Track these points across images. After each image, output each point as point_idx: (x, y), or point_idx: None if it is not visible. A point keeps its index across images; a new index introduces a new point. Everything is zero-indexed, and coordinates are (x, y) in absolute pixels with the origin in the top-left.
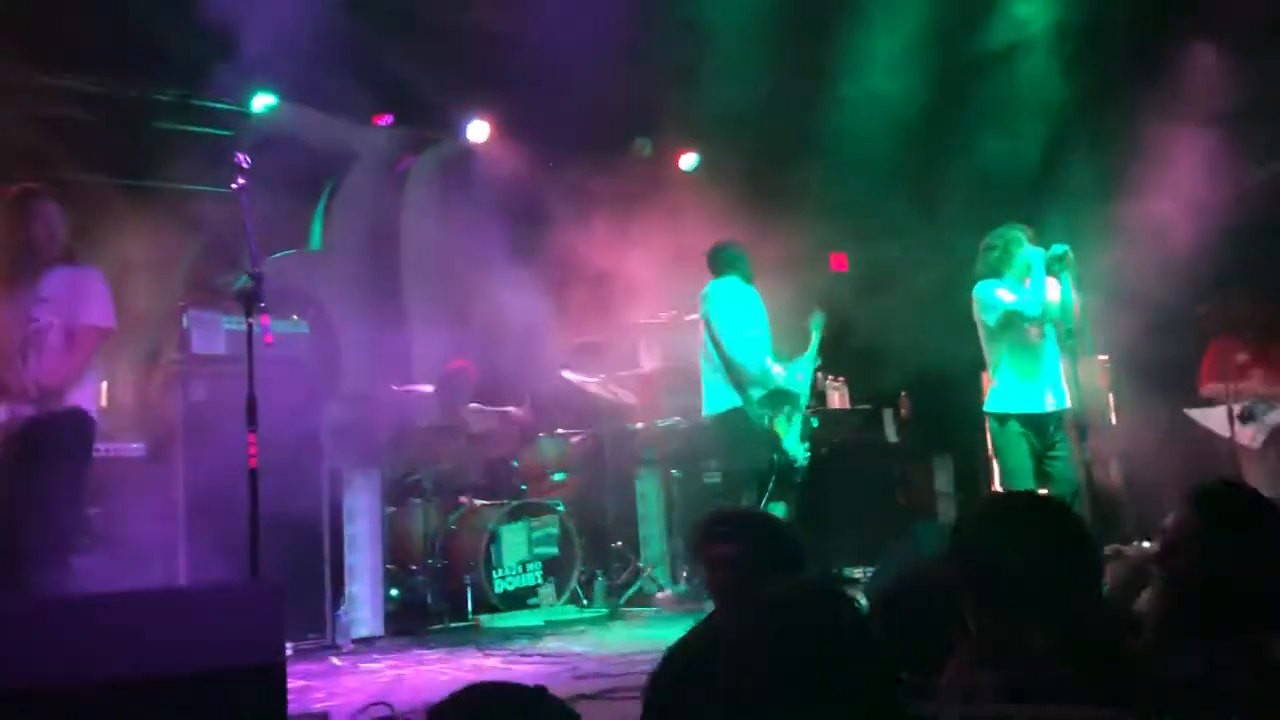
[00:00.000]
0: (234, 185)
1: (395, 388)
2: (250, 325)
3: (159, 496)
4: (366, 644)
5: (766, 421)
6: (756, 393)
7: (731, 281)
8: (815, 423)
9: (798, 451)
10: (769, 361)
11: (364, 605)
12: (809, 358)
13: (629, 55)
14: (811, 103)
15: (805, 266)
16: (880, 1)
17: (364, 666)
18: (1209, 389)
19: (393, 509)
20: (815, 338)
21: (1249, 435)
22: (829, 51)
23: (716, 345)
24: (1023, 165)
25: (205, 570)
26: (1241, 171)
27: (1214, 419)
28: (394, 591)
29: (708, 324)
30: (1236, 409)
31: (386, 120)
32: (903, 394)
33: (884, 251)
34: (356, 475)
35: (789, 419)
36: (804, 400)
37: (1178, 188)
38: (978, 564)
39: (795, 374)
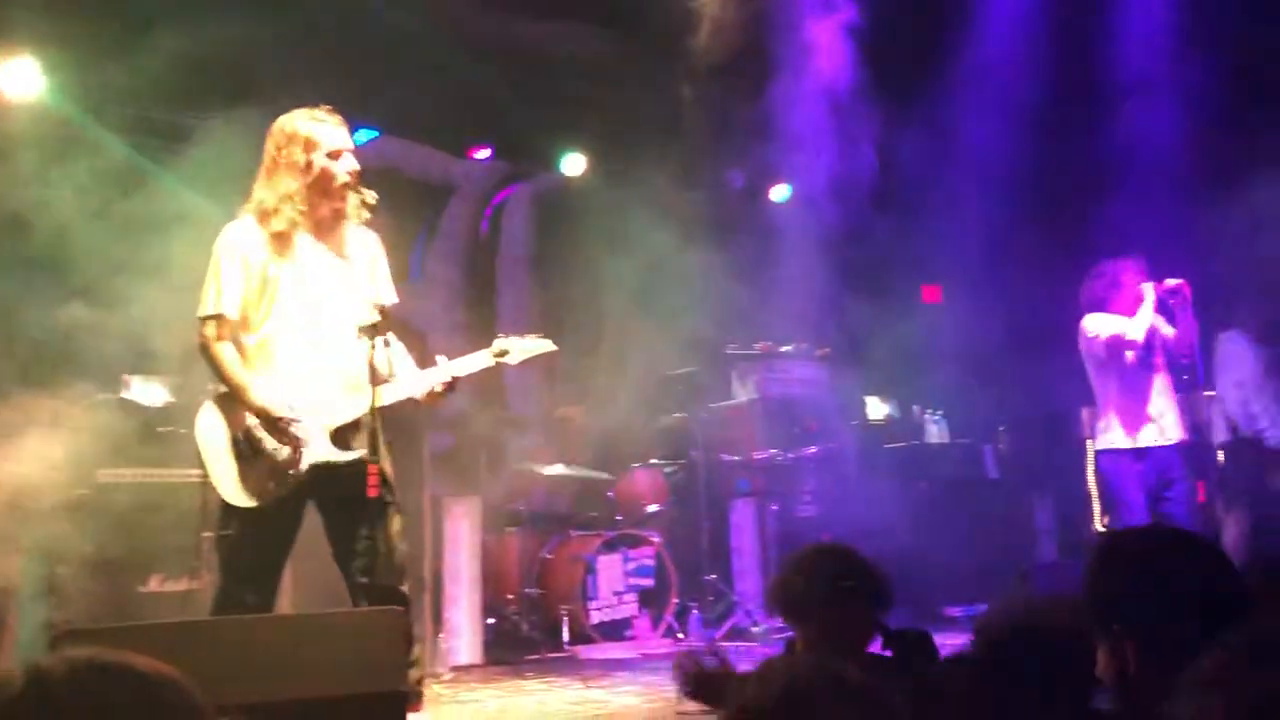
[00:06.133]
0: None
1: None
2: None
3: None
4: (465, 672)
5: None
6: None
7: None
8: None
9: None
10: None
11: (463, 633)
12: None
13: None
14: None
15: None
16: None
17: (465, 695)
18: None
19: (489, 537)
20: None
21: None
22: None
23: None
24: None
25: None
26: None
27: None
28: (489, 620)
29: None
30: None
31: (485, 153)
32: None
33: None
34: (456, 503)
35: None
36: None
37: None
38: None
39: None
